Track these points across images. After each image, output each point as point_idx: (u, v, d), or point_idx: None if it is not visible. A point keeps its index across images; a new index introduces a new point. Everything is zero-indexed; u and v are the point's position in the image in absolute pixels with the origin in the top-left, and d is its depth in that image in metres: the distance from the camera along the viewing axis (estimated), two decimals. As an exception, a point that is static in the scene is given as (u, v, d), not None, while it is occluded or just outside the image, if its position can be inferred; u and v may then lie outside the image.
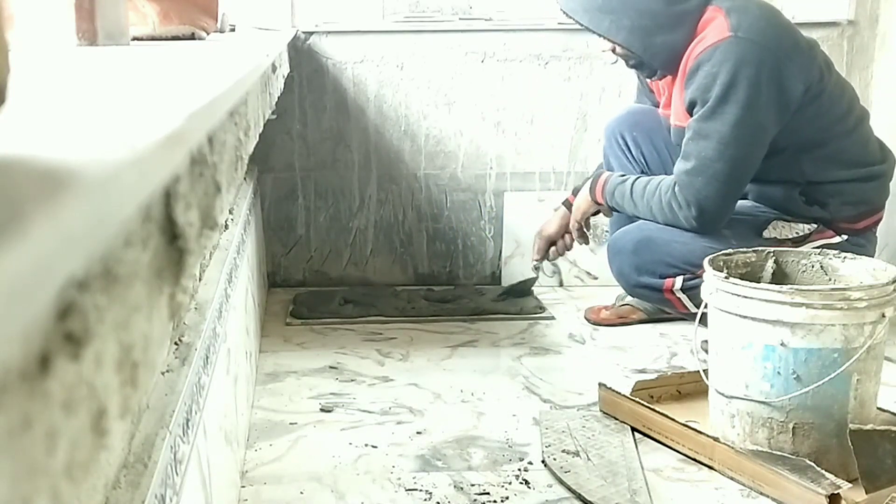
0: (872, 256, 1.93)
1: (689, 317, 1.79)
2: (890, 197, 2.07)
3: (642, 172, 2.17)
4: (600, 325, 2.29)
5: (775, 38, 1.88)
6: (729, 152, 1.85)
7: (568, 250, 2.31)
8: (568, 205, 2.27)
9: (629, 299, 2.29)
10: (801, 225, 1.98)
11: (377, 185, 2.62)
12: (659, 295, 2.03)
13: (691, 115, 1.92)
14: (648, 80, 2.14)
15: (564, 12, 2.02)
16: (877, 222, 2.01)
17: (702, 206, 1.88)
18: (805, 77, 1.88)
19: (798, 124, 1.90)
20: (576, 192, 2.25)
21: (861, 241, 1.98)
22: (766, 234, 1.98)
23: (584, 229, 2.21)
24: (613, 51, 2.02)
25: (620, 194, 2.02)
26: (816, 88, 1.90)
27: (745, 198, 2.04)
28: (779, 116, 1.87)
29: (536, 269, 2.40)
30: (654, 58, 1.96)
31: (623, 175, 2.07)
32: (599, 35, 1.99)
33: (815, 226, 1.98)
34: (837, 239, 1.97)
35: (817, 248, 1.85)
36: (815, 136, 1.93)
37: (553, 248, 2.30)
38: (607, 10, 1.93)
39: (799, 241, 1.95)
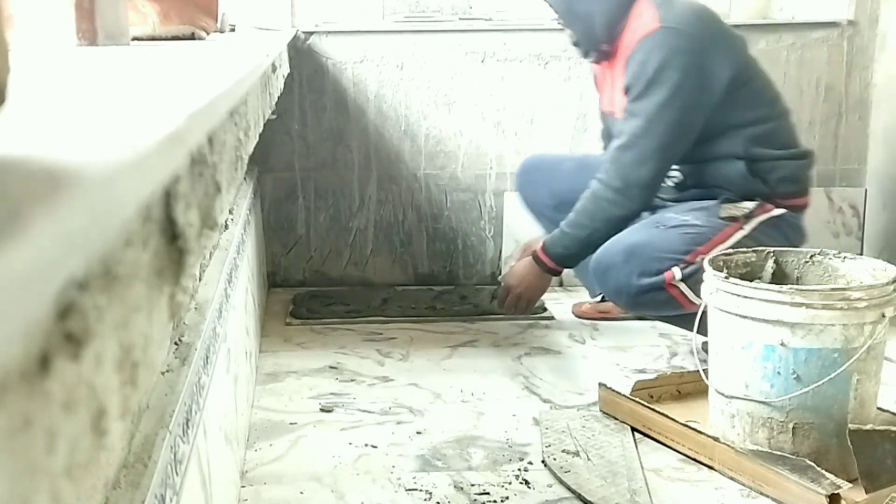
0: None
1: (687, 324, 1.78)
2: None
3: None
4: (583, 318, 2.37)
5: (700, 28, 2.02)
6: (655, 129, 1.98)
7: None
8: (536, 258, 2.13)
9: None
10: (745, 203, 2.06)
11: (377, 185, 2.62)
12: (663, 295, 1.99)
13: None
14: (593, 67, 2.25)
15: None
16: (806, 205, 2.13)
17: (627, 178, 1.99)
18: (732, 64, 2.02)
19: (733, 105, 2.03)
20: (546, 248, 2.14)
21: (798, 219, 2.10)
22: (721, 214, 2.05)
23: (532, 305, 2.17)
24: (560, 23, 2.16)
25: (564, 239, 2.05)
26: (745, 75, 2.05)
27: (697, 186, 2.10)
28: (706, 98, 2.00)
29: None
30: (572, 24, 2.10)
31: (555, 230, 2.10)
32: None
33: (758, 202, 2.06)
34: (779, 211, 2.06)
35: (762, 222, 1.99)
36: (751, 117, 2.05)
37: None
38: None
39: (748, 217, 2.03)
